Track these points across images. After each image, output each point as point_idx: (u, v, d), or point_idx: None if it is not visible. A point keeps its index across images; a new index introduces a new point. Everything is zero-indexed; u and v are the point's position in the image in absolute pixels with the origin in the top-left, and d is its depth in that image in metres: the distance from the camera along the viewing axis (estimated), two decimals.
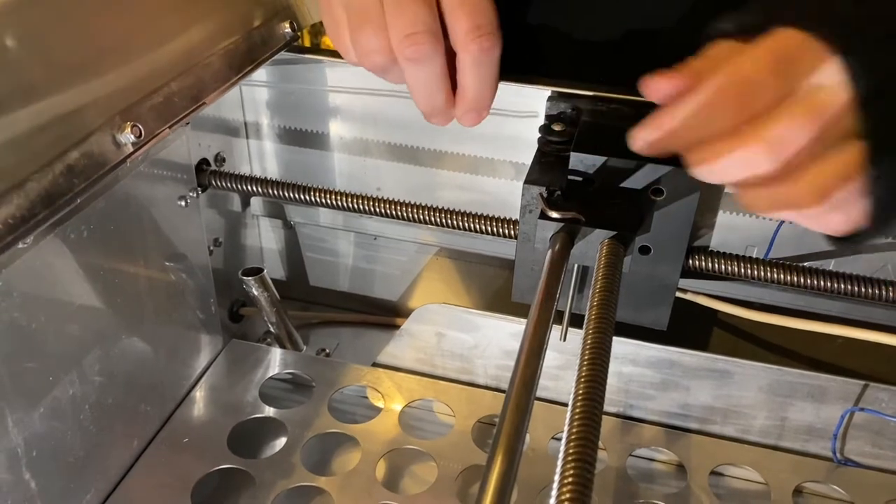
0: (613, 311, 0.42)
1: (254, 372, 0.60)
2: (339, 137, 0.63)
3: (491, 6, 0.40)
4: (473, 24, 0.38)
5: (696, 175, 0.36)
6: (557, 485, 0.31)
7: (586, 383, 0.37)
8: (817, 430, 0.54)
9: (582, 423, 0.34)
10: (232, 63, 0.50)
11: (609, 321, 0.41)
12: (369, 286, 0.70)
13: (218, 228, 0.63)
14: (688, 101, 0.35)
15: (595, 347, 0.39)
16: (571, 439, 0.33)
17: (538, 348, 0.40)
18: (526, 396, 0.38)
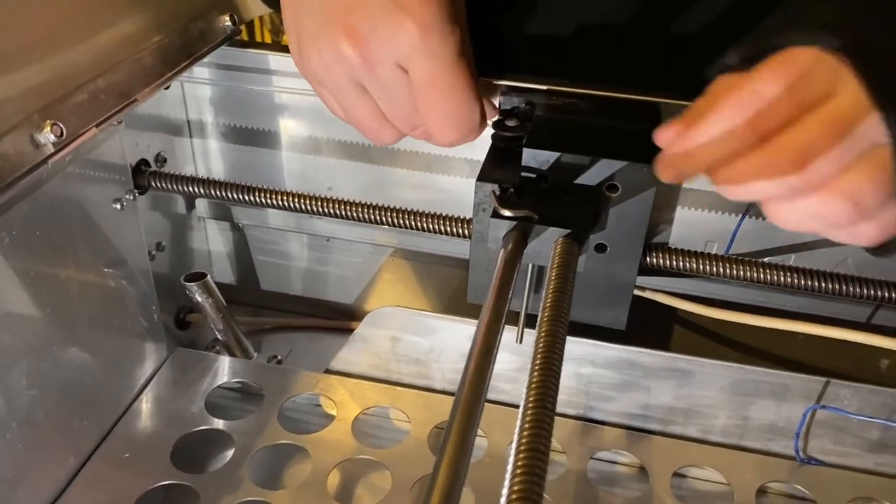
0: (567, 311, 0.41)
1: (200, 381, 0.58)
2: (287, 136, 0.61)
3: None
4: (441, 119, 0.39)
5: (726, 195, 0.35)
6: (505, 500, 0.29)
7: (536, 389, 0.35)
8: (780, 428, 0.53)
9: (531, 432, 0.32)
10: (166, 58, 0.48)
11: (562, 322, 0.40)
12: (323, 289, 0.68)
13: (161, 232, 0.60)
14: (704, 123, 0.35)
15: (546, 351, 0.37)
16: (520, 450, 0.31)
17: (488, 350, 0.38)
18: (474, 401, 0.36)
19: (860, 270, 0.56)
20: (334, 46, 0.38)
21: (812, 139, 0.32)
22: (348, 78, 0.39)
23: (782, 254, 0.56)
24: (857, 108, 0.32)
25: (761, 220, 0.55)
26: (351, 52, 0.37)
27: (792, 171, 0.32)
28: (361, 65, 0.38)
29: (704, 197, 0.55)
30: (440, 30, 0.38)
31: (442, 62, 0.38)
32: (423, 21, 0.37)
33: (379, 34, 0.37)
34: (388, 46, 0.37)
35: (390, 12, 0.37)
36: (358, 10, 0.37)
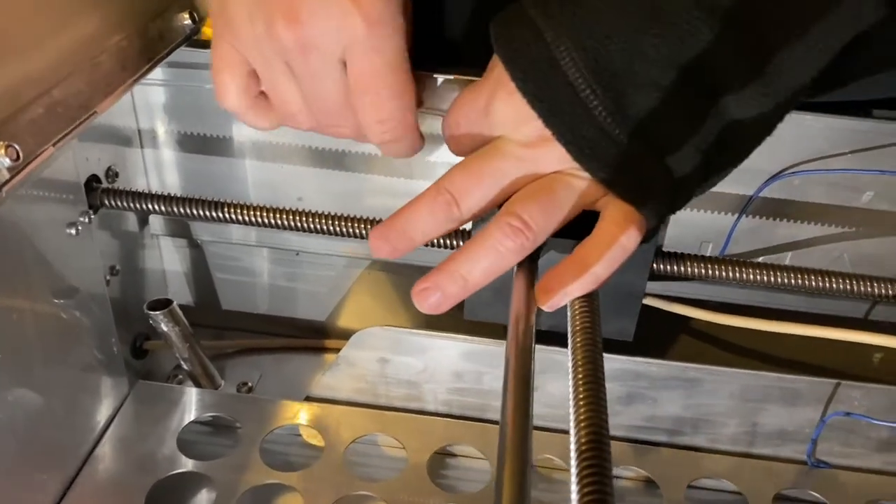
0: (599, 326, 0.37)
1: (168, 418, 0.52)
2: (250, 142, 0.56)
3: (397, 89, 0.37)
4: (377, 118, 0.37)
5: None
6: None
7: (588, 408, 0.31)
8: (789, 433, 0.52)
9: (592, 455, 0.29)
10: (125, 62, 0.42)
11: (598, 340, 0.36)
12: (292, 307, 0.63)
13: (113, 253, 0.54)
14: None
15: (588, 366, 0.34)
16: (583, 475, 0.28)
17: (526, 380, 0.34)
18: (523, 433, 0.32)
19: (854, 266, 0.55)
20: (269, 22, 0.34)
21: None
22: (277, 56, 0.36)
23: (778, 252, 0.55)
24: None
25: (756, 219, 0.53)
26: (286, 33, 0.34)
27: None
28: (295, 49, 0.35)
29: (698, 197, 0.53)
30: (388, 24, 0.34)
31: (384, 60, 0.35)
32: (370, 13, 0.34)
33: (319, 21, 0.34)
34: (328, 35, 0.34)
35: (336, 1, 0.33)
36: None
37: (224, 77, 0.37)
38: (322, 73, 0.35)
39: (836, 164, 0.49)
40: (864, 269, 0.54)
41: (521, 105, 0.33)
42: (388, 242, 0.37)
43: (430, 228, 0.37)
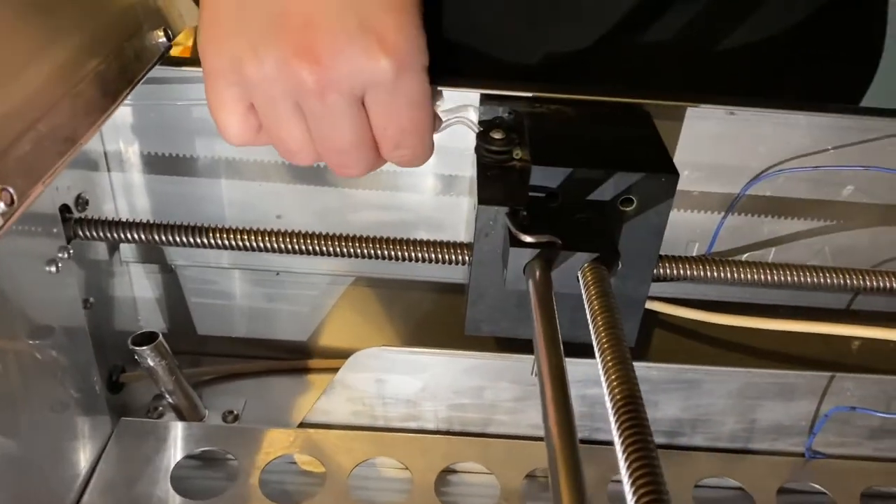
0: (625, 339, 0.37)
1: (158, 456, 0.50)
2: (224, 160, 0.53)
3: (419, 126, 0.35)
4: (397, 150, 0.36)
5: None
6: None
7: (630, 421, 0.31)
8: (785, 427, 0.53)
9: (644, 465, 0.29)
10: (106, 88, 0.39)
11: (626, 350, 0.36)
12: (272, 328, 0.61)
13: (86, 286, 0.51)
14: None
15: (624, 381, 0.34)
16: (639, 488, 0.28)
17: (563, 395, 0.34)
18: (571, 450, 0.32)
19: (835, 257, 0.56)
20: (282, 62, 0.31)
21: None
22: (286, 96, 0.33)
23: (762, 248, 0.56)
24: None
25: (741, 217, 0.54)
26: (304, 74, 0.31)
27: None
28: (313, 91, 0.32)
29: (684, 197, 0.53)
30: (415, 65, 0.32)
31: (411, 101, 0.33)
32: (398, 55, 0.31)
33: (342, 62, 0.31)
34: (351, 78, 0.31)
35: (359, 37, 0.30)
36: (319, 26, 0.30)
37: (224, 116, 0.35)
38: (338, 115, 0.33)
39: (820, 160, 0.50)
40: (844, 260, 0.55)
41: None
42: None
43: None
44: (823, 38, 0.57)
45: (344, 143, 0.34)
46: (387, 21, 0.30)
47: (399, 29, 0.31)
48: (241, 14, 0.31)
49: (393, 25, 0.31)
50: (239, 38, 0.31)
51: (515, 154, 0.45)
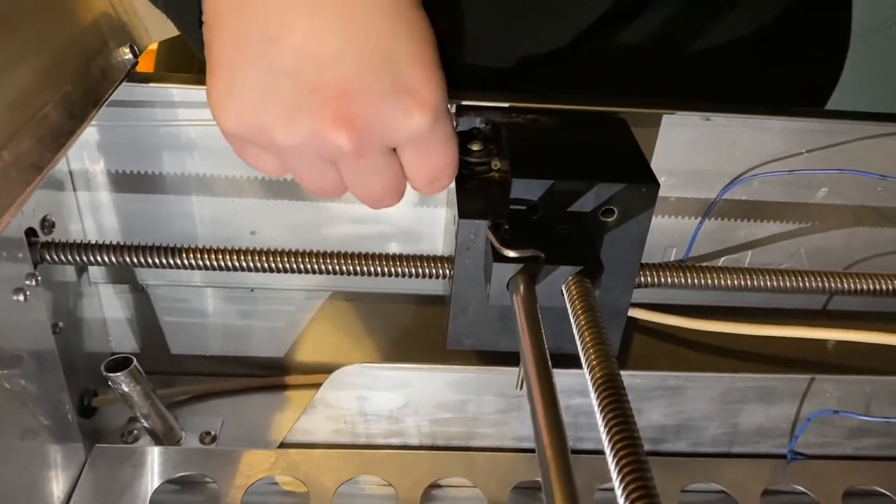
0: (613, 353, 0.37)
1: (135, 483, 0.48)
2: (196, 177, 0.52)
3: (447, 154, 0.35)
4: (430, 185, 0.36)
5: None
6: None
7: (619, 428, 0.31)
8: (767, 429, 0.53)
9: (634, 469, 0.29)
10: (72, 110, 0.38)
11: (615, 364, 0.36)
12: (247, 345, 0.60)
13: (54, 309, 0.49)
14: None
15: (611, 390, 0.34)
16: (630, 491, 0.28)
17: (554, 410, 0.34)
18: (564, 462, 0.32)
19: (810, 258, 0.57)
20: (317, 132, 0.30)
21: None
22: (320, 159, 0.33)
23: (738, 252, 0.56)
24: None
25: (718, 221, 0.54)
26: (342, 142, 0.30)
27: None
28: (349, 154, 0.31)
29: (661, 203, 0.53)
30: (444, 110, 0.32)
31: (443, 144, 0.34)
32: (431, 109, 0.31)
33: (378, 125, 0.30)
34: (387, 138, 0.31)
35: (395, 99, 0.30)
36: (356, 94, 0.29)
37: (255, 166, 0.35)
38: (373, 171, 0.33)
39: (794, 164, 0.51)
40: (819, 261, 0.56)
41: None
42: None
43: None
44: (792, 40, 0.57)
45: (378, 190, 0.34)
46: (418, 76, 0.30)
47: (428, 82, 0.31)
48: (268, 83, 0.30)
49: (424, 79, 0.30)
50: (267, 108, 0.30)
51: (494, 165, 0.45)
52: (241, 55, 0.30)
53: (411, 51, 0.30)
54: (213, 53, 0.31)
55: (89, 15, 0.42)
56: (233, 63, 0.30)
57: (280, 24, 0.29)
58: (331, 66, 0.29)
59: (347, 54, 0.29)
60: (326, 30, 0.29)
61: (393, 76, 0.29)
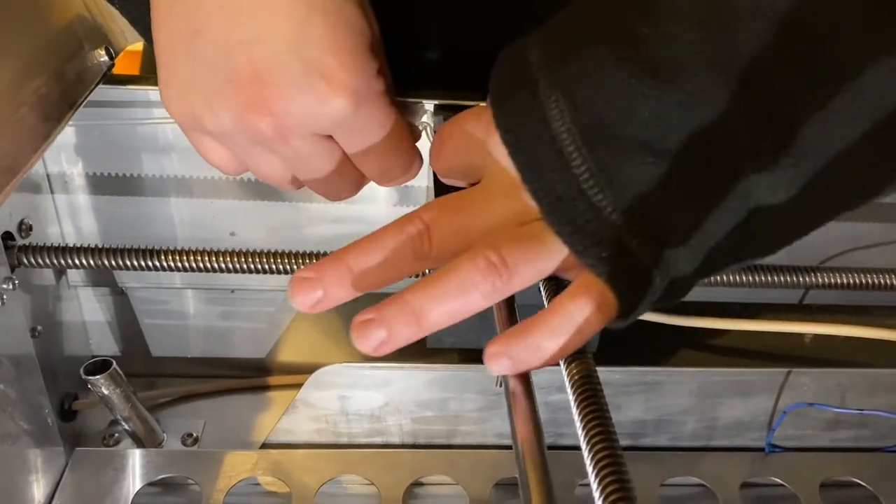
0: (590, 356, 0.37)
1: (116, 486, 0.48)
2: (175, 178, 0.52)
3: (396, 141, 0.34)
4: (383, 173, 0.35)
5: None
6: None
7: (595, 424, 0.31)
8: (745, 423, 0.54)
9: (610, 464, 0.29)
10: (48, 113, 0.38)
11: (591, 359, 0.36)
12: (229, 347, 0.60)
13: (32, 313, 0.49)
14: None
15: (587, 386, 0.34)
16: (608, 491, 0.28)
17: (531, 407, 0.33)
18: (543, 460, 0.32)
19: (788, 252, 0.57)
20: (237, 116, 0.30)
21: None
22: (251, 143, 0.32)
23: None
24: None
25: None
26: (261, 126, 0.30)
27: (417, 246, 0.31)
28: (273, 137, 0.31)
29: None
30: (370, 94, 0.32)
31: (377, 128, 0.33)
32: (349, 92, 0.30)
33: (294, 109, 0.30)
34: (308, 122, 0.31)
35: (308, 83, 0.30)
36: (267, 78, 0.30)
37: (209, 158, 0.34)
38: (308, 155, 0.32)
39: None
40: (796, 255, 0.56)
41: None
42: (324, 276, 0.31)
43: (390, 268, 0.31)
44: None
45: (322, 174, 0.34)
46: (331, 61, 0.30)
47: (343, 66, 0.31)
48: (194, 70, 0.31)
49: (338, 65, 0.30)
50: (194, 94, 0.31)
51: None
52: (175, 47, 0.31)
53: (325, 36, 0.30)
54: (157, 46, 0.32)
55: (64, 17, 0.42)
56: (170, 54, 0.31)
57: (203, 16, 0.30)
58: (243, 53, 0.29)
59: (260, 42, 0.29)
60: (243, 19, 0.29)
61: (305, 61, 0.29)
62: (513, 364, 0.30)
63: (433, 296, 0.29)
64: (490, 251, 0.29)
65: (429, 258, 0.31)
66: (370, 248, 0.30)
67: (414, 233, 0.30)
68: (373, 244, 0.30)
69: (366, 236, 0.31)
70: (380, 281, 0.30)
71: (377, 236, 0.31)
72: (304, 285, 0.30)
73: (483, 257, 0.29)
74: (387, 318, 0.29)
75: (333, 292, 0.31)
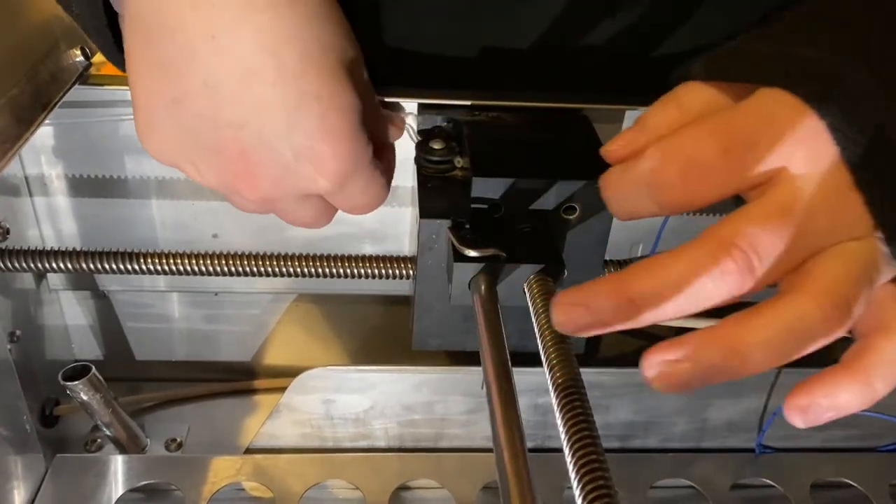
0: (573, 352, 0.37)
1: (97, 493, 0.48)
2: (156, 181, 0.51)
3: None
4: (362, 208, 0.35)
5: None
6: None
7: (578, 427, 0.31)
8: (735, 424, 0.53)
9: (595, 478, 0.29)
10: (20, 114, 0.37)
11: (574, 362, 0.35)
12: (213, 350, 0.59)
13: (10, 317, 0.48)
14: (628, 170, 0.28)
15: (570, 388, 0.33)
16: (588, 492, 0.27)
17: (512, 411, 0.33)
18: (522, 464, 0.31)
19: None
20: (224, 183, 0.31)
21: (752, 234, 0.25)
22: (237, 196, 0.33)
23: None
24: (812, 192, 0.25)
25: (683, 216, 0.54)
26: (251, 196, 0.31)
27: (736, 277, 0.25)
28: (258, 206, 0.32)
29: None
30: (357, 171, 0.32)
31: (361, 192, 0.33)
32: (335, 176, 0.31)
33: (282, 188, 0.30)
34: (295, 195, 0.31)
35: (295, 167, 0.30)
36: (255, 159, 0.29)
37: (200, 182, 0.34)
38: (290, 212, 0.33)
39: None
40: None
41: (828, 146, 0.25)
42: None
43: (704, 300, 0.26)
44: None
45: (300, 223, 0.34)
46: (319, 148, 0.29)
47: (335, 155, 0.30)
48: (176, 134, 0.30)
49: (330, 154, 0.30)
50: (180, 154, 0.30)
51: (457, 163, 0.44)
52: (153, 106, 0.30)
53: (317, 125, 0.29)
54: (132, 88, 0.30)
55: (37, 17, 0.41)
56: (148, 111, 0.30)
57: (186, 89, 0.28)
58: (230, 132, 0.29)
59: (248, 126, 0.29)
60: (228, 101, 0.28)
61: (295, 149, 0.29)
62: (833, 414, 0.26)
63: (763, 341, 0.25)
64: (840, 301, 0.25)
65: (751, 290, 0.26)
66: (679, 282, 0.25)
67: (737, 264, 0.25)
68: (680, 279, 0.26)
69: (653, 267, 0.26)
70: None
71: (678, 270, 0.25)
72: None
73: (832, 305, 0.25)
74: (704, 360, 0.25)
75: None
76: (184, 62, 0.28)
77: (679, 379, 0.25)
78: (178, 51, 0.28)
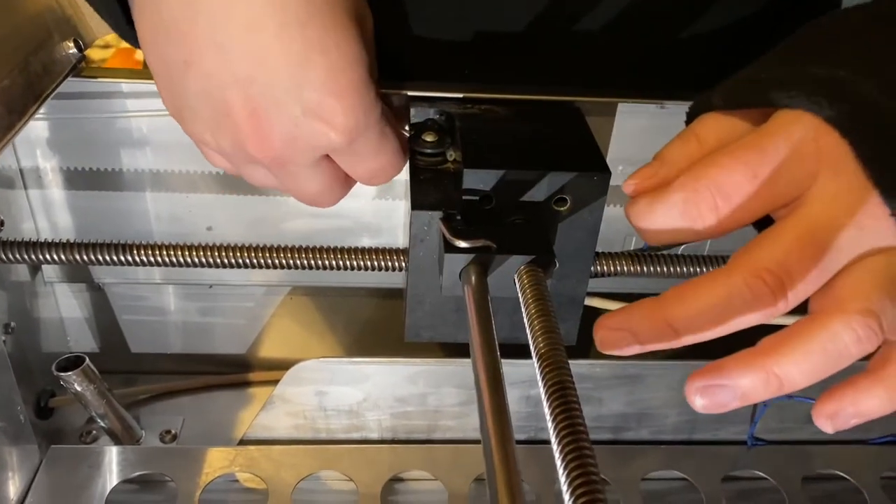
0: (562, 342, 0.37)
1: (91, 483, 0.48)
2: (150, 173, 0.51)
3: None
4: (371, 178, 0.36)
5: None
6: None
7: (564, 419, 0.31)
8: (727, 416, 0.53)
9: (579, 463, 0.29)
10: (12, 105, 0.37)
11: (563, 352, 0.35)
12: (208, 342, 0.59)
13: (5, 309, 0.49)
14: (657, 202, 0.30)
15: (559, 383, 0.33)
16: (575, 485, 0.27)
17: (500, 403, 0.33)
18: (510, 451, 0.31)
19: None
20: (238, 145, 0.31)
21: (779, 261, 0.26)
22: (251, 164, 0.33)
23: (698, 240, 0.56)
24: (839, 217, 0.26)
25: None
26: (261, 155, 0.31)
27: (769, 301, 0.26)
28: (270, 164, 0.32)
29: (620, 193, 0.53)
30: (368, 126, 0.32)
31: (373, 151, 0.34)
32: (345, 131, 0.31)
33: (293, 144, 0.31)
34: (306, 153, 0.32)
35: (306, 122, 0.30)
36: (264, 116, 0.30)
37: (214, 162, 0.35)
38: (301, 177, 0.33)
39: None
40: None
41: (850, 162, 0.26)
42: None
43: (740, 324, 0.27)
44: (773, 33, 0.57)
45: (313, 192, 0.35)
46: (328, 102, 0.30)
47: (345, 108, 0.31)
48: (192, 101, 0.31)
49: (340, 109, 0.30)
50: (195, 122, 0.31)
51: (449, 156, 0.44)
52: (170, 75, 0.30)
53: (324, 78, 0.30)
54: (147, 58, 0.31)
55: (30, 8, 0.41)
56: (167, 81, 0.31)
57: (194, 48, 0.29)
58: (238, 90, 0.29)
59: (255, 81, 0.29)
60: (235, 55, 0.29)
61: (304, 103, 0.30)
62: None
63: (797, 356, 0.27)
64: (869, 317, 0.25)
65: (780, 313, 0.27)
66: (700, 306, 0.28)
67: (764, 288, 0.26)
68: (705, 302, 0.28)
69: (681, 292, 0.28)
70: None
71: (703, 294, 0.27)
72: None
73: (862, 324, 0.25)
74: (735, 379, 0.27)
75: None
76: (191, 18, 0.28)
77: (719, 401, 0.28)
78: (185, 6, 0.28)
